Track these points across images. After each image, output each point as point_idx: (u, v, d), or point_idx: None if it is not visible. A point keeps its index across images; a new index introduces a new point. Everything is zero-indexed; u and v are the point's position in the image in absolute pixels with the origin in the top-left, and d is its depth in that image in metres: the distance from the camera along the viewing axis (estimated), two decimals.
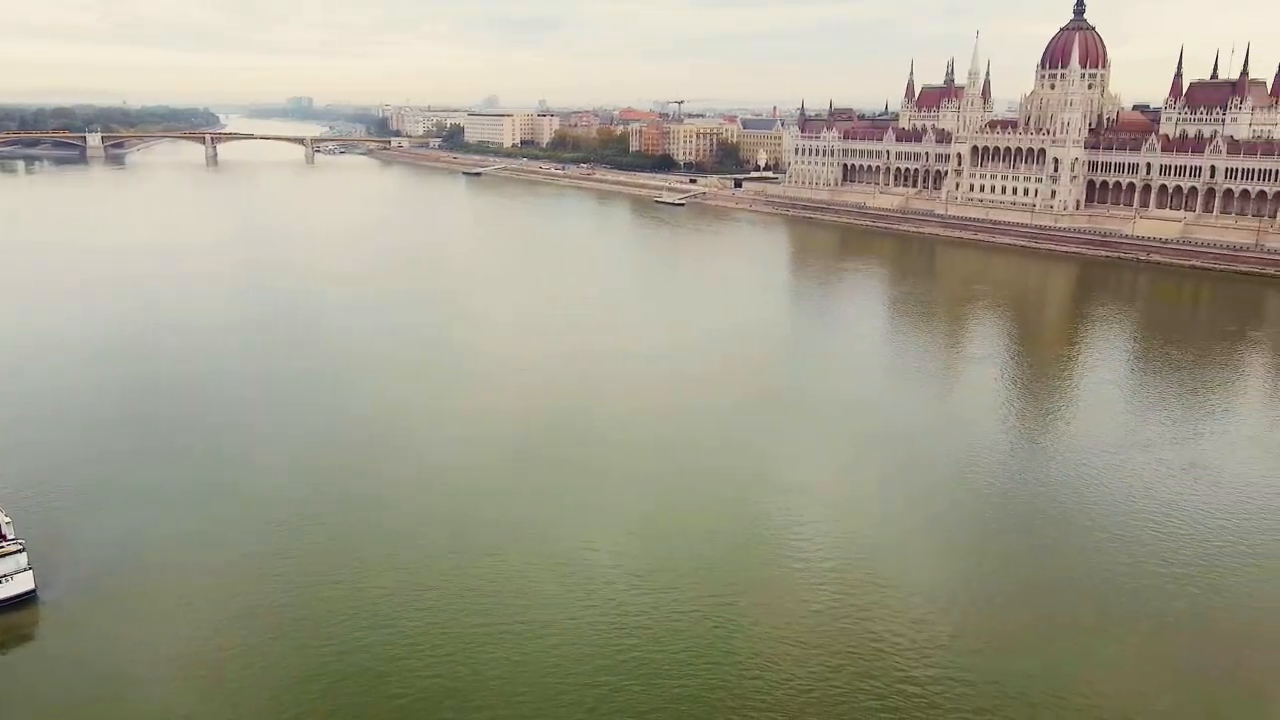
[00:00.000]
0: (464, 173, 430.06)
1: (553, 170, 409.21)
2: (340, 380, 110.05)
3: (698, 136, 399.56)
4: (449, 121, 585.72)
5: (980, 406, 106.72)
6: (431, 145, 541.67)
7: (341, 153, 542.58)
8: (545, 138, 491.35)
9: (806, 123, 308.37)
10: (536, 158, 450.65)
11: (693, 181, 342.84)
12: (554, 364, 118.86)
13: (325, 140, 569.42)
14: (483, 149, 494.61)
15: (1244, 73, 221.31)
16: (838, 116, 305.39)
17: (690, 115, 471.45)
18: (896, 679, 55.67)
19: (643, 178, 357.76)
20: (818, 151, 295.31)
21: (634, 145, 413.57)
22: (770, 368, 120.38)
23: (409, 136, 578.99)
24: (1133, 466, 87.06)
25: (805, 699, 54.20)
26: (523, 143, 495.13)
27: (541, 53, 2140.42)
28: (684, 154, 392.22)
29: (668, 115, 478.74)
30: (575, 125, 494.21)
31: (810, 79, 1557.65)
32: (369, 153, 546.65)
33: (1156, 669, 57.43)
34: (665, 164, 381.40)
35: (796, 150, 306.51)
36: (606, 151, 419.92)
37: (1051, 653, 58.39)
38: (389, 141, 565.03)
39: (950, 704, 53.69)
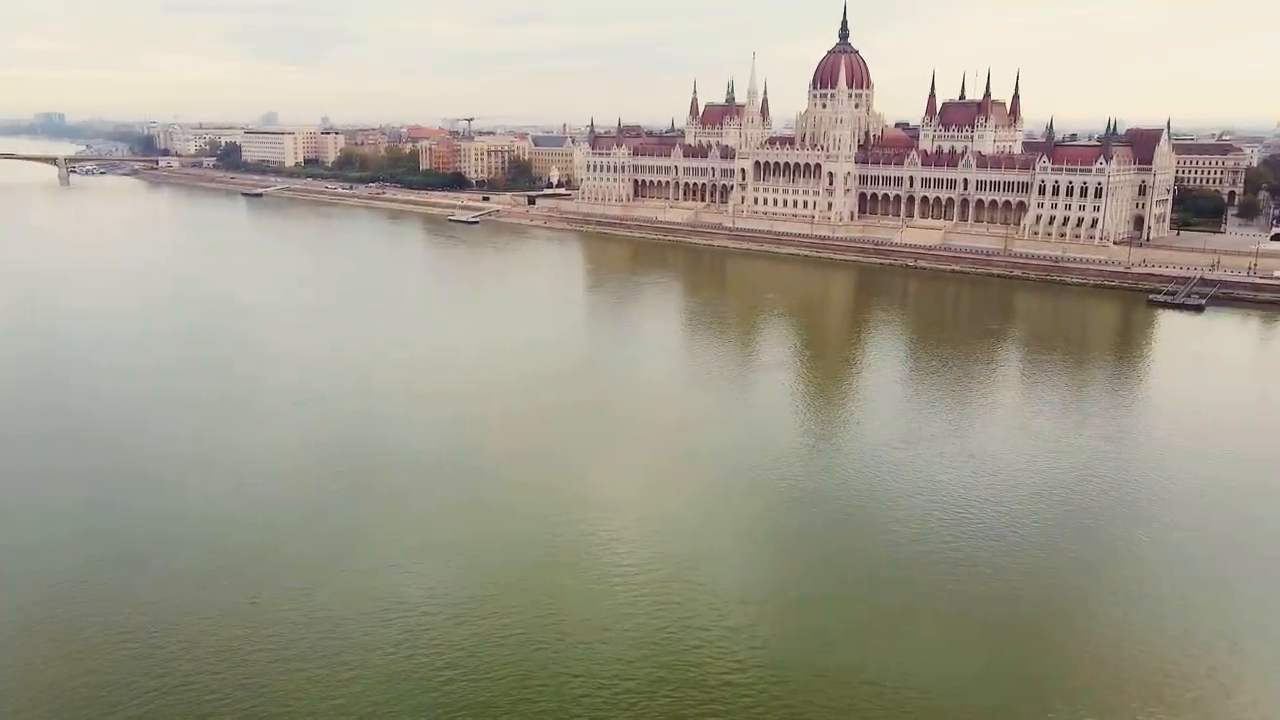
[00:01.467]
0: (243, 194, 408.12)
1: (340, 190, 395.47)
2: (114, 417, 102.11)
3: (489, 154, 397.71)
4: (224, 140, 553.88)
5: (778, 411, 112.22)
6: (205, 165, 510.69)
7: (102, 173, 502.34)
8: (330, 156, 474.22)
9: (597, 140, 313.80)
10: (322, 177, 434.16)
11: (486, 199, 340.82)
12: (353, 390, 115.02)
13: (83, 160, 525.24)
14: (262, 169, 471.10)
15: (987, 94, 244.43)
16: (627, 133, 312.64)
17: (481, 132, 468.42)
18: (721, 683, 57.48)
19: (435, 196, 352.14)
20: (609, 168, 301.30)
21: (425, 163, 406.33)
22: (574, 382, 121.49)
23: (179, 156, 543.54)
24: (921, 460, 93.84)
25: (634, 711, 55.13)
26: (306, 161, 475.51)
27: (324, 69, 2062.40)
28: (476, 172, 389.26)
29: (458, 133, 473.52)
30: (362, 143, 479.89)
31: (598, 97, 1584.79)
32: (135, 173, 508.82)
33: (963, 652, 61.95)
34: (457, 182, 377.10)
35: (588, 167, 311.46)
36: (396, 170, 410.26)
37: (864, 645, 62.02)
38: (157, 161, 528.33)
39: (774, 701, 56.11)
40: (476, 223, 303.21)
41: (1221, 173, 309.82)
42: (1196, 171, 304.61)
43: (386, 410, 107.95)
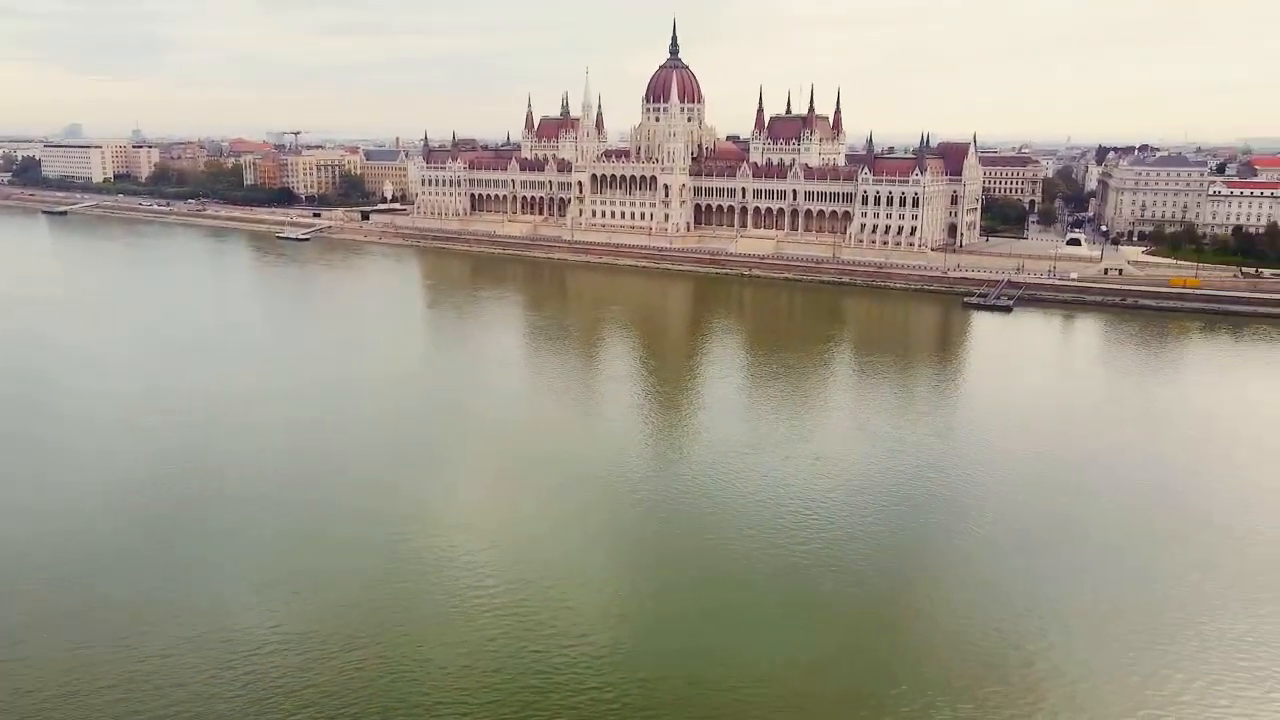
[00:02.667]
0: (44, 212, 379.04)
1: (156, 207, 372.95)
2: None
3: (319, 168, 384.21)
4: (20, 154, 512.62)
5: (626, 423, 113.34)
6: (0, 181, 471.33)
7: None
8: (144, 171, 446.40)
9: (431, 153, 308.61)
10: (135, 193, 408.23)
11: (317, 215, 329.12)
12: (180, 423, 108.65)
13: None
14: (67, 184, 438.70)
15: (810, 109, 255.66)
16: (462, 147, 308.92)
17: (309, 146, 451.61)
18: (590, 699, 57.58)
19: (262, 212, 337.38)
20: (445, 182, 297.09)
21: (249, 178, 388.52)
22: (417, 404, 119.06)
23: None
24: (770, 464, 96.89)
25: None
26: (117, 177, 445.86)
27: (135, 79, 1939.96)
28: (305, 186, 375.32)
29: (284, 147, 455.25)
30: (179, 157, 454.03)
31: (433, 110, 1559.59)
32: None
33: (817, 645, 64.44)
34: (285, 197, 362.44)
35: (423, 181, 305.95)
36: (218, 185, 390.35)
37: (719, 645, 63.47)
38: None
39: (641, 703, 56.67)
40: (308, 240, 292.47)
41: (1022, 183, 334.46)
42: (1001, 182, 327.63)
43: (218, 443, 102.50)
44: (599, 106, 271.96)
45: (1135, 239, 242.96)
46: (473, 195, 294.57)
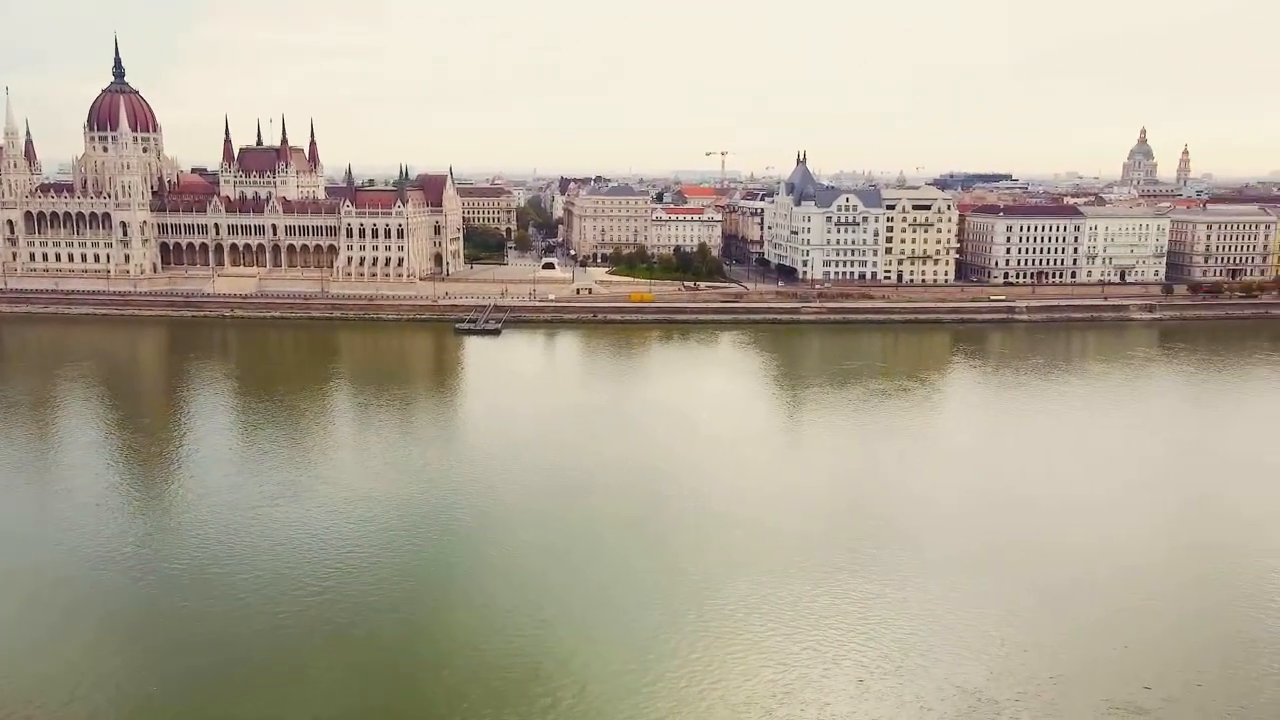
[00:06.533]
0: None
1: None
2: None
3: None
4: None
5: (109, 491, 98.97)
6: None
7: None
8: None
9: None
10: None
11: None
12: None
13: None
14: None
15: (284, 140, 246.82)
16: None
17: None
18: None
19: None
20: None
21: None
22: None
23: None
24: (298, 513, 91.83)
25: None
26: None
27: None
28: None
29: None
30: None
31: None
32: None
33: (335, 696, 61.80)
34: None
35: None
36: None
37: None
38: None
39: None
40: None
41: (498, 212, 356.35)
42: (479, 212, 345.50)
43: None
44: (27, 132, 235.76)
45: (599, 260, 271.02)
46: None
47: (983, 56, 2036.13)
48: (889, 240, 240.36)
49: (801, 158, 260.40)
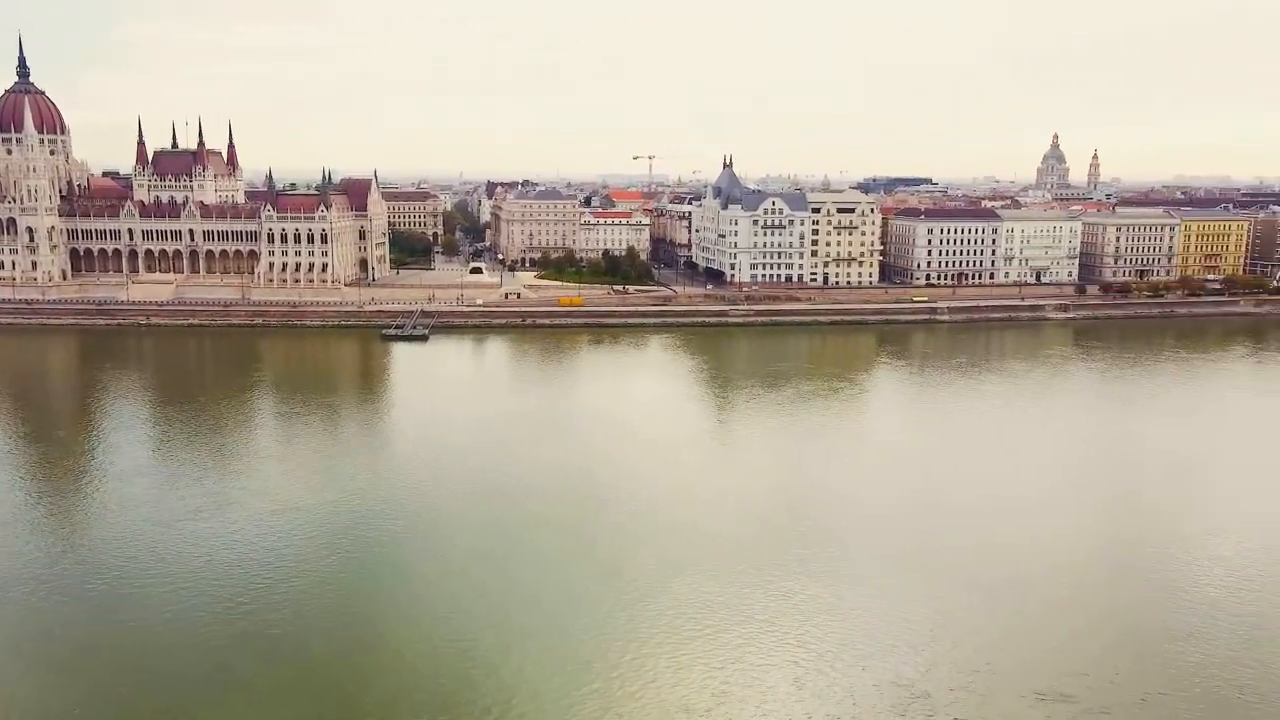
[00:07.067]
0: None
1: None
2: None
3: None
4: None
5: (18, 512, 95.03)
6: None
7: None
8: None
9: None
10: None
11: None
12: None
13: None
14: None
15: (201, 143, 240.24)
16: None
17: None
18: None
19: None
20: None
21: None
22: None
23: None
24: (209, 527, 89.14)
25: None
26: None
27: None
28: None
29: None
30: None
31: None
32: None
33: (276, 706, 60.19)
34: None
35: None
36: None
37: None
38: None
39: None
40: None
41: (425, 216, 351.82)
42: (405, 216, 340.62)
43: None
44: None
45: (528, 265, 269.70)
46: None
47: (928, 56, 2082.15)
48: (815, 243, 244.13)
49: (728, 161, 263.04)
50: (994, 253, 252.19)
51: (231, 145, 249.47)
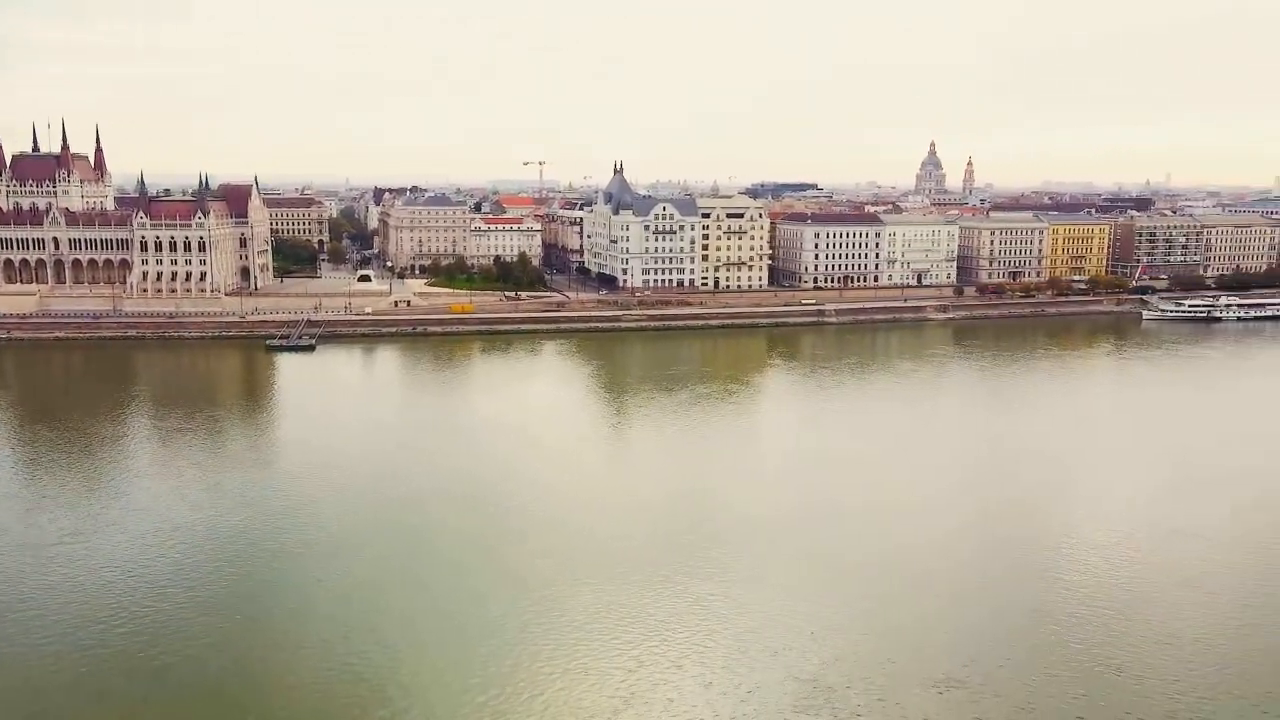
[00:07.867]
0: None
1: None
2: None
3: None
4: None
5: None
6: None
7: None
8: None
9: None
10: None
11: None
12: None
13: None
14: None
15: (65, 147, 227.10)
16: None
17: None
18: None
19: None
20: None
21: None
22: None
23: None
24: (88, 550, 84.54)
25: None
26: None
27: None
28: None
29: None
30: None
31: None
32: None
33: None
34: None
35: None
36: None
37: None
38: None
39: None
40: None
41: (310, 223, 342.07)
42: (289, 223, 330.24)
43: None
44: None
45: (417, 272, 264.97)
46: None
47: (803, 73, 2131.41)
48: (705, 248, 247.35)
49: (619, 167, 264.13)
50: (878, 256, 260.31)
51: (99, 149, 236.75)
